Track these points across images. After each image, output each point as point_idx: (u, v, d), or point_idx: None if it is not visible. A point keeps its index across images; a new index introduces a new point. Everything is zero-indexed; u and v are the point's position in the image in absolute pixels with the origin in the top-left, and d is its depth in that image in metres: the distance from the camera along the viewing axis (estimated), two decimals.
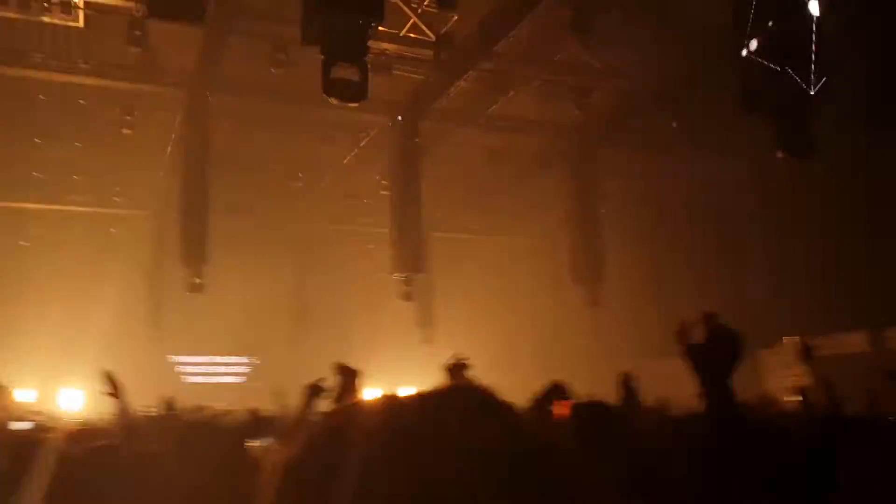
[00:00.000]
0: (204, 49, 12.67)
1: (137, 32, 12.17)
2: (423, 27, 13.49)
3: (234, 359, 30.81)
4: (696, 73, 13.45)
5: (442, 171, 18.11)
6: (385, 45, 13.61)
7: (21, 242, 23.94)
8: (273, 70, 12.97)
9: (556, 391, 3.71)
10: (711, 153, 16.64)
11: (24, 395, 20.53)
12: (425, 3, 13.35)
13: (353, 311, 27.45)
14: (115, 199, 19.99)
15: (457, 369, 3.38)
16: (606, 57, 14.50)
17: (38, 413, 12.78)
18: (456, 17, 13.47)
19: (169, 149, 16.39)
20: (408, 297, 16.29)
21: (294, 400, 4.26)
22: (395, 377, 25.61)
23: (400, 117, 15.57)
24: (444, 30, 13.61)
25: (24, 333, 25.07)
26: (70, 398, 21.34)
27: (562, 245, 21.32)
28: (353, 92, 7.85)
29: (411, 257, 15.80)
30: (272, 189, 20.25)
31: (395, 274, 15.94)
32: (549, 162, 18.07)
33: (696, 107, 14.49)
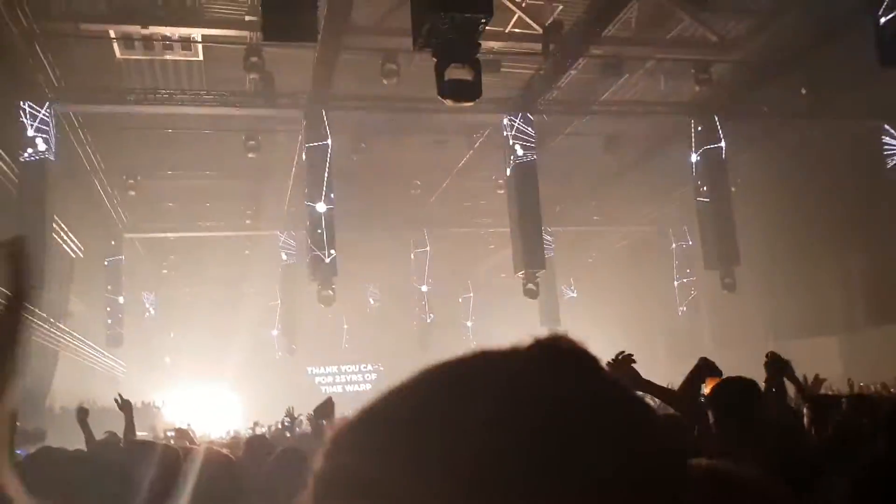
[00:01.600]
0: (317, 68, 12.97)
1: (254, 59, 12.60)
2: (529, 20, 13.31)
3: (363, 367, 31.69)
4: (822, 34, 12.65)
5: (558, 164, 17.84)
6: (492, 44, 13.52)
7: (163, 270, 25.42)
8: (385, 81, 13.11)
9: (706, 368, 3.63)
10: (848, 119, 15.65)
11: (172, 411, 21.61)
12: None
13: (477, 313, 27.59)
14: (247, 221, 20.82)
15: (621, 364, 3.24)
16: (723, 27, 13.86)
17: (186, 429, 13.43)
18: (560, 6, 13.24)
19: (293, 168, 16.89)
20: (532, 294, 16.09)
21: None
22: None
23: (512, 114, 15.42)
24: (549, 20, 13.38)
25: (172, 354, 26.66)
26: (213, 413, 22.24)
27: (689, 230, 20.63)
28: (468, 91, 7.82)
29: (532, 255, 15.60)
30: (392, 198, 20.57)
31: (518, 273, 15.78)
32: (669, 144, 17.47)
33: (826, 71, 13.65)
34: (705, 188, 16.46)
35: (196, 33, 12.88)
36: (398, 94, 14.23)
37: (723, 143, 16.22)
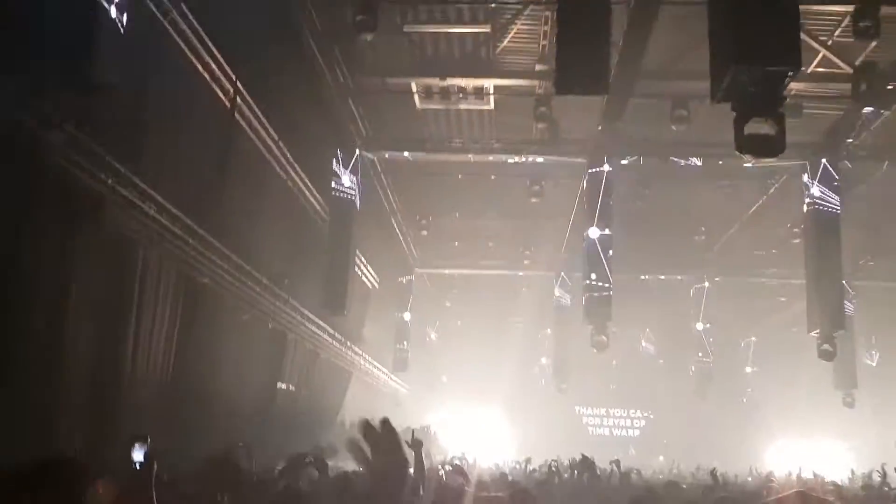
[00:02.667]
0: (605, 115, 13.05)
1: (543, 109, 12.97)
2: (836, 59, 12.31)
3: (631, 412, 30.90)
4: None
5: (864, 213, 16.21)
6: (793, 86, 12.69)
7: (446, 303, 26.88)
8: (674, 127, 12.83)
9: None
10: None
11: (447, 435, 22.47)
12: (836, 34, 12.20)
13: (757, 368, 25.70)
14: (525, 262, 21.38)
15: None
16: None
17: (462, 466, 13.94)
18: (873, 43, 12.07)
19: (573, 211, 17.09)
20: (828, 356, 14.63)
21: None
22: (809, 439, 23.37)
23: (814, 159, 14.30)
24: (860, 58, 12.26)
25: (442, 383, 27.98)
26: (484, 441, 22.80)
27: None
28: (770, 146, 7.36)
29: (830, 312, 14.24)
30: (675, 243, 19.99)
31: (812, 332, 14.47)
32: None
33: None
34: None
35: (489, 84, 13.57)
36: (687, 138, 13.85)
37: None
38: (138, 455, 4.21)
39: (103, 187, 7.78)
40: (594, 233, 14.68)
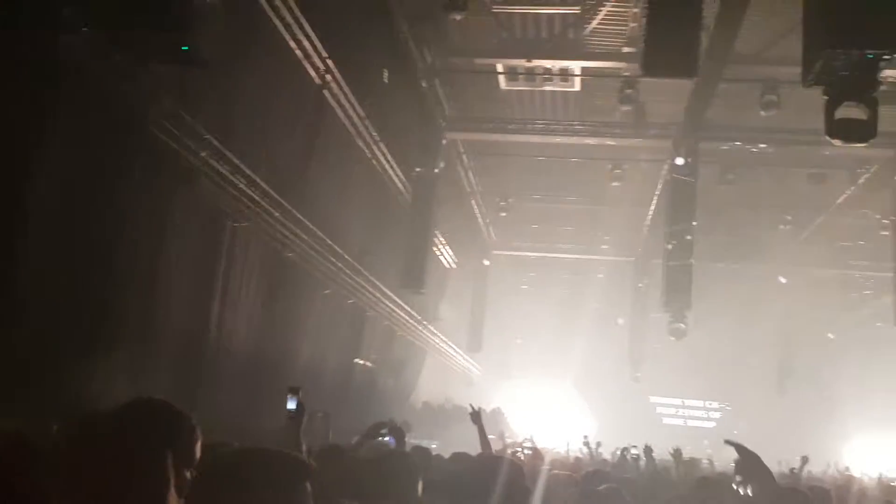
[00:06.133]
0: (692, 99, 12.82)
1: (629, 91, 12.82)
2: None
3: (708, 403, 30.33)
4: None
5: None
6: (890, 72, 12.19)
7: (522, 286, 26.89)
8: (763, 113, 12.50)
9: None
10: None
11: (518, 418, 22.59)
12: None
13: (838, 362, 24.87)
14: (603, 246, 21.21)
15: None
16: None
17: (538, 448, 14.04)
18: None
19: (655, 197, 16.86)
20: None
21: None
22: (887, 434, 22.52)
23: None
24: None
25: (515, 365, 28.02)
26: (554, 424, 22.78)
27: None
28: (861, 131, 7.13)
29: None
30: (758, 233, 19.50)
31: None
32: None
33: None
34: None
35: (575, 65, 13.48)
36: (776, 124, 13.49)
37: None
38: (291, 404, 4.50)
39: (197, 160, 8.14)
40: (675, 219, 14.45)
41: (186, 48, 6.09)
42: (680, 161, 14.09)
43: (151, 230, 7.64)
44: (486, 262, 22.91)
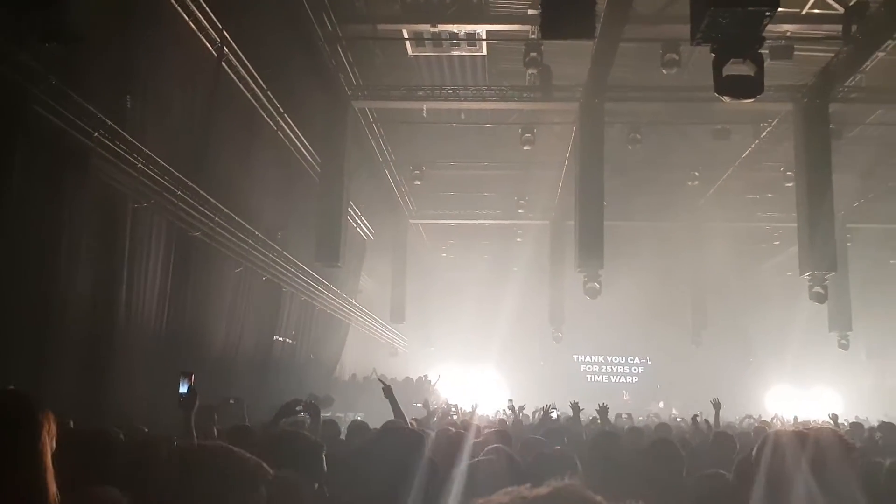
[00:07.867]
0: (595, 60, 12.94)
1: (533, 54, 12.86)
2: (830, 1, 12.18)
3: (629, 359, 31.21)
4: None
5: (859, 156, 16.21)
6: (786, 28, 12.59)
7: (442, 254, 26.98)
8: (665, 71, 12.74)
9: None
10: None
11: (444, 386, 22.66)
12: None
13: (752, 312, 25.87)
14: (520, 210, 21.40)
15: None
16: None
17: (457, 407, 14.23)
18: None
19: (566, 159, 17.05)
20: (819, 298, 14.73)
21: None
22: (801, 381, 23.64)
23: (806, 101, 14.22)
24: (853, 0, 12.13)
25: (439, 333, 28.19)
26: (480, 391, 22.97)
27: None
28: (748, 87, 7.32)
29: (822, 254, 14.29)
30: (668, 190, 19.99)
31: (804, 274, 14.56)
32: None
33: None
34: None
35: (481, 29, 13.42)
36: (678, 83, 13.77)
37: None
38: (182, 388, 4.39)
39: (90, 140, 7.81)
40: (585, 179, 14.64)
41: (67, 24, 5.82)
42: (586, 122, 14.24)
43: (41, 215, 7.30)
44: (405, 231, 22.86)
